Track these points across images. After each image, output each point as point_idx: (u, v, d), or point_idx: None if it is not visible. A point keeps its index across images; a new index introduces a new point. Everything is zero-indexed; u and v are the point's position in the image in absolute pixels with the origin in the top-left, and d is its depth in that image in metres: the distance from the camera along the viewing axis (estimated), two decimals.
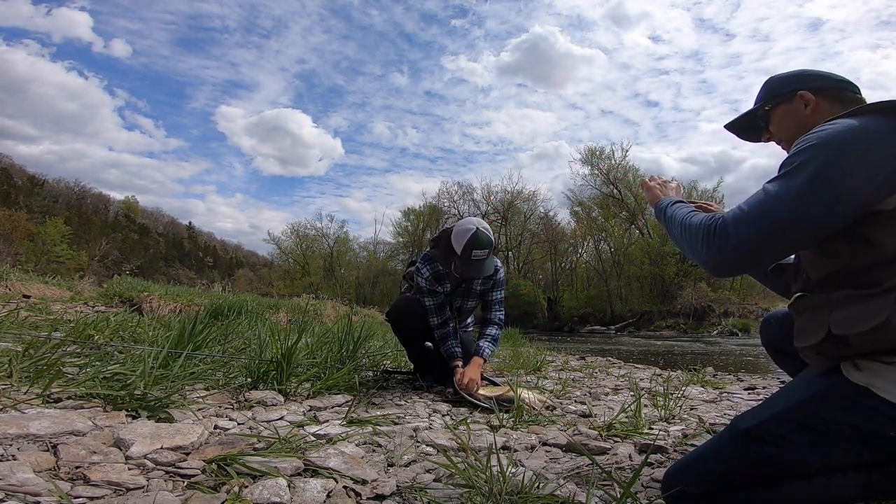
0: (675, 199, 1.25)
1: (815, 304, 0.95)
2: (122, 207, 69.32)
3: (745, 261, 0.92)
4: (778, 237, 0.89)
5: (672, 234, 1.14)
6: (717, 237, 0.93)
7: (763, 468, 0.93)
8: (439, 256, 2.41)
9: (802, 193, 0.87)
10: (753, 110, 1.25)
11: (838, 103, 1.08)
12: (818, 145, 0.89)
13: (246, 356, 2.20)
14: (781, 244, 0.90)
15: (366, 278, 40.99)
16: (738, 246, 0.90)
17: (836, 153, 0.87)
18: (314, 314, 8.76)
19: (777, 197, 0.89)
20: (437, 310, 2.45)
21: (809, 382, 0.97)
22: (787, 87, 1.17)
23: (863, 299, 0.86)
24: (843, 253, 0.91)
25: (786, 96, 1.17)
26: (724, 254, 0.92)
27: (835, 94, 1.11)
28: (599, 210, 36.19)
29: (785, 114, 1.17)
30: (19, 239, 27.24)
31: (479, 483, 1.05)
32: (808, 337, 0.95)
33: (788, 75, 1.20)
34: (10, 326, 2.59)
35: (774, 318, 1.46)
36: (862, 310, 0.85)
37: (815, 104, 1.12)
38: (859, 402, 0.86)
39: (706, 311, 24.60)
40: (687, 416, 2.13)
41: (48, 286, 7.88)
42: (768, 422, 0.93)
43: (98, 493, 0.87)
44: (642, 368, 4.83)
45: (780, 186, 0.90)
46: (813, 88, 1.13)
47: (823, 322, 0.91)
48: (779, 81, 1.21)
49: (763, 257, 0.92)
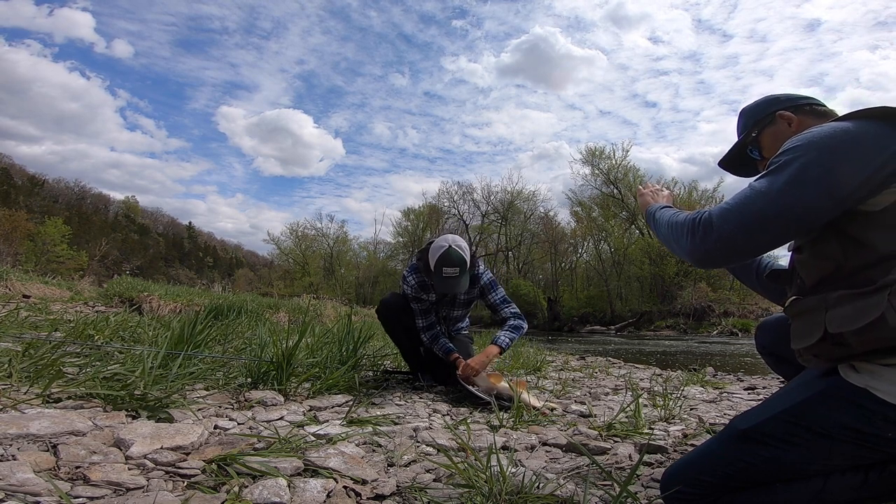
0: (665, 204, 1.29)
1: (810, 306, 0.96)
2: (122, 207, 69.38)
3: (728, 251, 0.95)
4: (761, 230, 0.92)
5: (659, 233, 1.18)
6: (702, 228, 0.96)
7: (762, 469, 0.93)
8: (424, 268, 2.42)
9: (786, 188, 0.90)
10: (742, 140, 1.30)
11: (815, 117, 1.14)
12: (803, 145, 0.93)
13: (246, 356, 2.20)
14: (764, 236, 0.93)
15: (366, 278, 40.96)
16: (721, 236, 0.93)
17: (820, 151, 0.91)
18: (314, 314, 8.76)
19: (761, 192, 0.92)
20: (423, 313, 2.50)
21: (808, 384, 0.97)
22: (765, 111, 1.23)
23: (858, 298, 0.87)
24: (837, 255, 0.93)
25: (767, 119, 1.23)
26: (708, 244, 0.95)
27: (809, 110, 1.17)
28: (599, 210, 36.18)
29: (772, 136, 1.22)
30: (19, 239, 27.24)
31: (479, 483, 1.05)
32: (805, 338, 0.96)
33: (761, 101, 1.26)
34: (10, 326, 2.59)
35: (769, 323, 1.47)
36: (857, 307, 0.86)
37: (797, 122, 1.17)
38: (858, 404, 0.86)
39: (706, 311, 24.59)
40: (687, 416, 2.13)
41: (48, 286, 7.88)
42: (767, 423, 0.93)
43: (98, 493, 0.87)
44: (642, 368, 4.83)
45: (764, 183, 0.94)
46: (789, 108, 1.19)
47: (819, 322, 0.92)
48: (755, 109, 1.27)
49: (746, 248, 0.95)
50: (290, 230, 43.02)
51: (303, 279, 38.59)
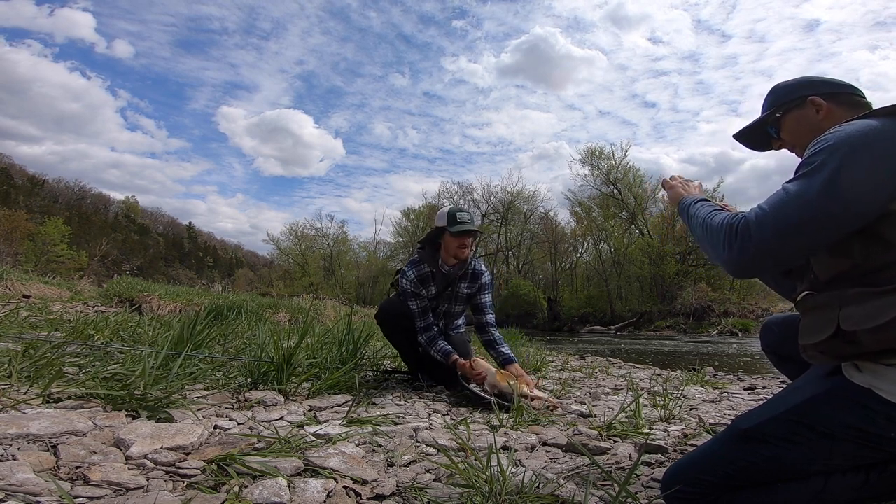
0: (699, 196, 1.23)
1: (823, 303, 0.94)
2: (122, 207, 69.32)
3: (766, 261, 0.92)
4: (799, 237, 0.88)
5: (695, 232, 1.13)
6: (740, 238, 0.92)
7: (763, 469, 0.93)
8: (427, 256, 2.48)
9: (822, 193, 0.86)
10: (764, 118, 1.24)
11: (848, 108, 1.08)
12: (836, 144, 0.89)
13: (246, 356, 2.20)
14: (803, 243, 0.89)
15: (366, 278, 40.93)
16: (759, 246, 0.90)
17: (854, 152, 0.87)
18: (315, 314, 8.76)
19: (798, 196, 0.89)
20: (421, 314, 2.49)
21: (811, 384, 0.97)
22: (797, 93, 1.17)
23: (875, 297, 0.85)
24: (857, 253, 0.91)
25: (796, 102, 1.17)
26: (747, 255, 0.92)
27: (844, 99, 1.11)
28: (599, 210, 36.14)
29: (797, 119, 1.17)
30: (19, 239, 27.22)
31: (479, 483, 1.05)
32: (816, 334, 0.94)
33: (796, 82, 1.20)
34: (10, 326, 2.59)
35: (774, 323, 1.46)
36: (873, 307, 0.84)
37: (826, 109, 1.12)
38: (861, 404, 0.86)
39: (706, 311, 24.56)
40: (687, 416, 2.13)
41: (48, 286, 7.88)
42: (769, 423, 0.93)
43: (98, 493, 0.87)
44: (642, 368, 4.83)
45: (800, 186, 0.90)
46: (823, 94, 1.13)
47: (832, 319, 0.90)
48: (787, 88, 1.21)
49: (785, 257, 0.91)
50: (290, 230, 43.00)
51: (303, 279, 38.55)
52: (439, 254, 2.49)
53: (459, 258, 2.47)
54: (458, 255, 2.46)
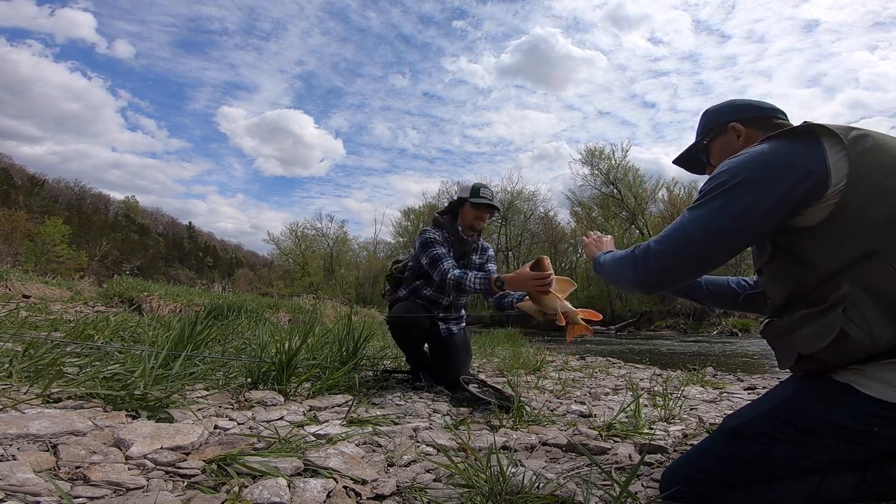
0: (607, 249, 1.36)
1: (782, 328, 0.99)
2: (123, 207, 69.33)
3: (668, 274, 1.01)
4: (694, 253, 0.98)
5: (605, 275, 1.24)
6: (642, 258, 1.04)
7: (752, 467, 0.94)
8: (447, 222, 2.60)
9: (712, 214, 0.95)
10: (694, 145, 1.32)
11: (765, 132, 1.11)
12: (728, 170, 0.97)
13: (246, 356, 2.20)
14: (699, 258, 0.98)
15: (366, 278, 40.92)
16: (659, 262, 1.01)
17: (743, 175, 0.94)
18: (314, 314, 8.76)
19: (691, 219, 0.98)
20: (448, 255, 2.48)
21: (793, 381, 1.00)
22: (721, 119, 1.24)
23: (816, 316, 0.90)
24: (792, 275, 0.96)
25: (720, 128, 1.23)
26: (649, 270, 1.03)
27: (762, 123, 1.17)
28: (599, 210, 36.13)
29: (721, 146, 1.24)
30: (19, 239, 27.23)
31: (479, 483, 1.05)
32: (785, 361, 0.99)
33: (721, 107, 1.27)
34: (10, 326, 2.59)
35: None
36: (817, 327, 0.89)
37: (745, 134, 1.18)
38: (842, 400, 0.88)
39: (706, 311, 24.54)
40: (687, 416, 2.13)
41: (48, 286, 7.88)
42: (755, 420, 0.95)
43: (98, 493, 0.87)
44: (642, 368, 4.83)
45: (694, 211, 0.99)
46: (743, 119, 1.20)
47: (792, 345, 0.95)
48: (713, 114, 1.27)
49: (683, 271, 1.01)
50: (290, 230, 42.99)
51: (303, 279, 38.57)
52: (457, 222, 2.61)
53: (475, 229, 2.62)
54: (474, 226, 2.60)
